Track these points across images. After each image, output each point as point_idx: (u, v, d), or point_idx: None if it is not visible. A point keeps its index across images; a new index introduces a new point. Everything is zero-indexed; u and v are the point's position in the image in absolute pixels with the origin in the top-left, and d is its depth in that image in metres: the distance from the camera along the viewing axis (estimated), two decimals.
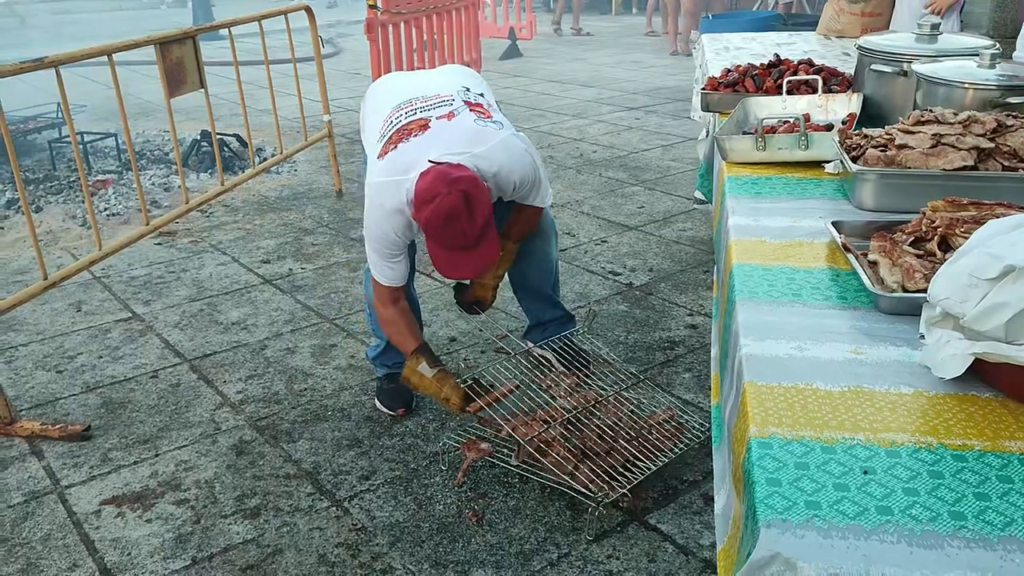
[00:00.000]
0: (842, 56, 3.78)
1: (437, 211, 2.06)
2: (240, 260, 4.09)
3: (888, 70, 2.42)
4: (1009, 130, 1.86)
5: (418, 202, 2.10)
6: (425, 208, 2.08)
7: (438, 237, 2.11)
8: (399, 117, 2.33)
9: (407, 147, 2.23)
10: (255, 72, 5.27)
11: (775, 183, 2.12)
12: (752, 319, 1.43)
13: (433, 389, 2.40)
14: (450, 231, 2.09)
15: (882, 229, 1.67)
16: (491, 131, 2.30)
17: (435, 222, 2.07)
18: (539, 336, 2.94)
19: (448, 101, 2.35)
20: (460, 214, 2.07)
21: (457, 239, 2.11)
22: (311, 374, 3.03)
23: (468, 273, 2.27)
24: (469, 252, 2.15)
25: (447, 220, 2.07)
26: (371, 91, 2.64)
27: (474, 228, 2.10)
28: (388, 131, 2.32)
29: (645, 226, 4.33)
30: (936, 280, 1.21)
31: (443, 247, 2.14)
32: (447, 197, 2.06)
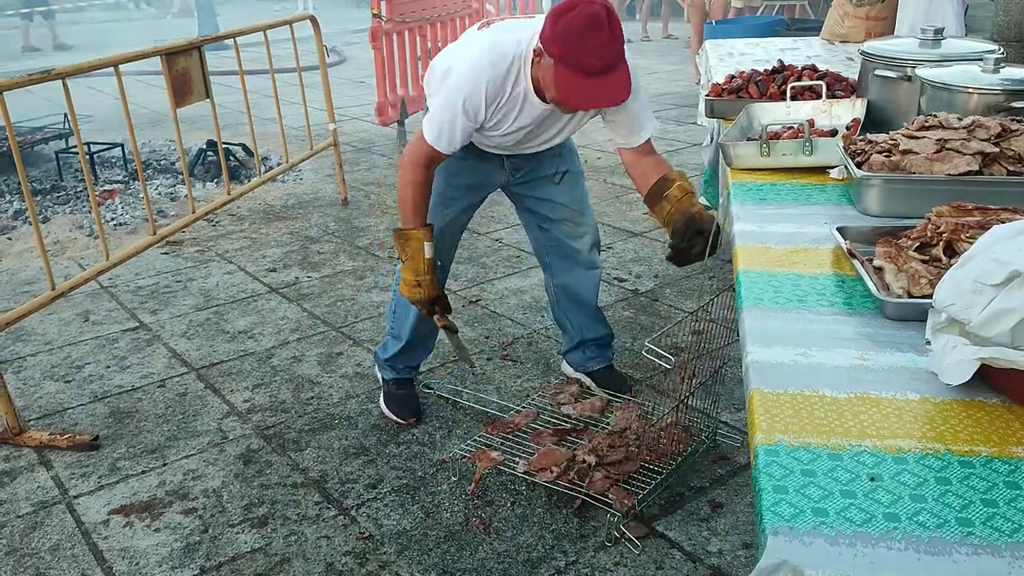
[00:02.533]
0: (846, 61, 3.78)
1: (579, 15, 1.90)
2: (246, 269, 4.10)
3: (892, 75, 2.42)
4: (1014, 134, 1.86)
5: (555, 15, 1.94)
6: (564, 16, 1.92)
7: (575, 51, 1.93)
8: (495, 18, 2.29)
9: (514, 22, 2.18)
10: (260, 81, 5.29)
11: (780, 189, 2.13)
12: (758, 326, 1.43)
13: (419, 266, 2.28)
14: (591, 42, 1.92)
15: (887, 235, 1.67)
16: None
17: (576, 27, 1.90)
18: (580, 357, 2.85)
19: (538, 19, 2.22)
20: (603, 23, 1.91)
21: (595, 54, 1.93)
22: (318, 382, 3.04)
23: (598, 102, 2.06)
24: (606, 76, 1.96)
25: (590, 26, 1.90)
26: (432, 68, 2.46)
27: (615, 44, 1.95)
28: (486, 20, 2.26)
29: (650, 232, 4.33)
30: (941, 286, 1.22)
31: (578, 69, 1.94)
32: (590, 4, 1.92)
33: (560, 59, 1.96)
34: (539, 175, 2.53)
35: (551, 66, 1.99)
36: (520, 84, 2.14)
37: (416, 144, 2.24)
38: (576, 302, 2.75)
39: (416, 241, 2.28)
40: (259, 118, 6.06)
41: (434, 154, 2.22)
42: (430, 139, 2.19)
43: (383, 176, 5.60)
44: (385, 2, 5.70)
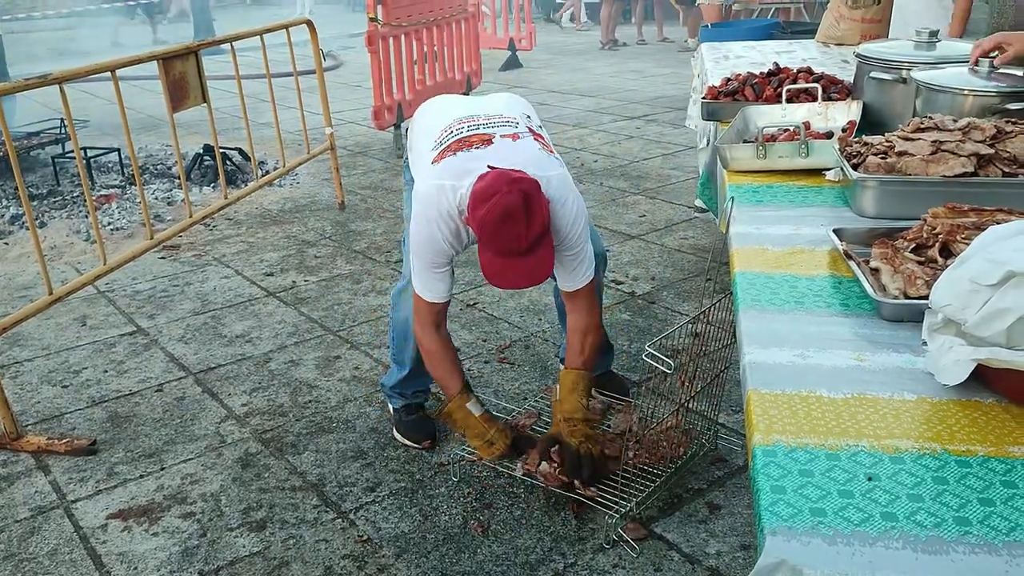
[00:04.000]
0: (841, 64, 3.79)
1: (494, 209, 1.97)
2: (243, 273, 4.10)
3: (887, 77, 2.43)
4: (1009, 136, 1.87)
5: (475, 201, 2.02)
6: (481, 207, 2.00)
7: (492, 239, 2.01)
8: (460, 128, 2.27)
9: (467, 156, 2.18)
10: (257, 85, 5.30)
11: (776, 191, 2.13)
12: (755, 327, 1.43)
13: (479, 429, 2.32)
14: (505, 232, 1.99)
15: (883, 236, 1.67)
16: (555, 163, 2.25)
17: (491, 220, 1.98)
18: None
19: (513, 123, 2.30)
20: (518, 214, 1.97)
21: (512, 242, 2.00)
22: (315, 386, 3.04)
23: (521, 282, 2.12)
24: (523, 259, 2.04)
25: (503, 219, 1.97)
26: (423, 110, 2.55)
27: (531, 231, 2.00)
28: (446, 140, 2.26)
29: (647, 235, 4.34)
30: (938, 286, 1.22)
31: (496, 252, 2.04)
32: (506, 195, 1.98)
33: (482, 239, 2.05)
34: None
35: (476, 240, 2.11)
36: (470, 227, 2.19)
37: (419, 306, 2.31)
38: None
39: (459, 411, 2.32)
40: (256, 123, 6.07)
41: (435, 307, 2.29)
42: (424, 295, 2.28)
43: (380, 180, 5.61)
44: (381, 6, 5.70)
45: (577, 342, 2.38)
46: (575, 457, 2.24)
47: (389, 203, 5.09)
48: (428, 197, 2.18)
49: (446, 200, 2.15)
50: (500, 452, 2.31)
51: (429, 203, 2.18)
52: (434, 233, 2.18)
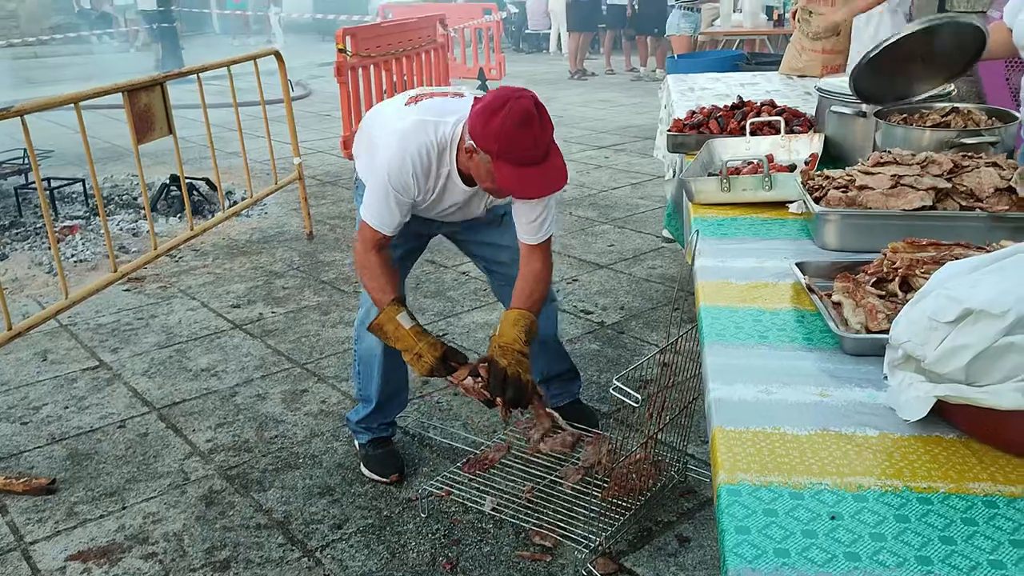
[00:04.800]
0: (804, 95, 3.86)
1: (511, 115, 1.96)
2: (209, 305, 4.05)
3: (847, 111, 2.48)
4: (965, 170, 1.91)
5: (486, 114, 1.99)
6: (495, 117, 1.97)
7: (511, 147, 1.99)
8: (424, 92, 2.29)
9: (441, 100, 2.20)
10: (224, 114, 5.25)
11: (740, 224, 2.16)
12: (720, 362, 1.44)
13: (408, 342, 2.22)
14: (524, 137, 1.98)
15: (845, 270, 1.69)
16: None
17: (509, 126, 1.96)
18: (545, 394, 2.82)
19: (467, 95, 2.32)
20: (533, 117, 1.98)
21: (529, 149, 2.00)
22: (282, 420, 3.00)
23: (541, 190, 2.12)
24: (540, 166, 2.04)
25: (521, 123, 1.97)
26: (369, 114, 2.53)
27: (545, 136, 2.02)
28: (413, 94, 2.28)
29: (615, 264, 4.36)
30: (897, 323, 1.24)
31: (515, 162, 2.01)
32: (518, 101, 1.98)
33: (498, 155, 2.01)
34: (482, 220, 2.54)
35: (488, 162, 2.04)
36: (445, 167, 2.19)
37: (363, 231, 2.27)
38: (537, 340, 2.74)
39: (389, 322, 2.24)
40: (223, 152, 6.04)
41: (380, 237, 2.24)
42: (372, 223, 2.23)
43: (349, 210, 5.58)
44: (350, 38, 5.72)
45: (527, 287, 2.34)
46: (501, 375, 2.17)
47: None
48: (407, 131, 2.16)
49: (426, 135, 2.15)
50: (429, 365, 2.20)
51: (407, 136, 2.16)
52: (405, 164, 2.14)
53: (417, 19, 7.02)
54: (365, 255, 2.27)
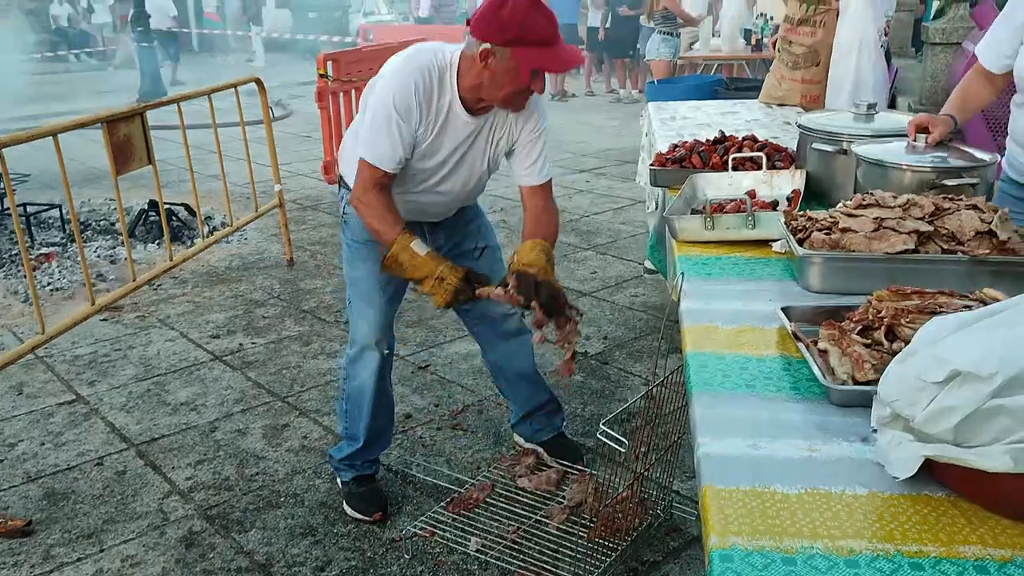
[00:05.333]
0: (783, 125, 3.90)
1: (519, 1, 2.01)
2: (188, 336, 4.01)
3: (829, 149, 2.50)
4: (947, 212, 1.93)
5: (493, 9, 2.02)
6: (504, 7, 2.00)
7: (529, 28, 2.02)
8: None
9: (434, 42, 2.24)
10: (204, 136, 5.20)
11: (725, 263, 2.16)
12: (708, 413, 1.44)
13: (427, 268, 2.10)
14: (538, 18, 2.03)
15: (830, 315, 1.70)
16: None
17: (522, 8, 2.00)
18: (528, 428, 2.82)
19: None
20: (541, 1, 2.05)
21: (545, 27, 2.05)
22: (263, 457, 2.96)
23: (568, 63, 2.15)
24: (556, 46, 2.08)
25: (533, 4, 2.02)
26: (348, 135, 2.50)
27: (553, 20, 2.08)
28: None
29: (598, 292, 4.36)
30: (886, 380, 1.24)
31: (534, 43, 2.04)
32: None
33: (517, 40, 2.02)
34: (459, 251, 2.53)
35: (507, 55, 2.04)
36: (446, 95, 2.15)
37: (361, 172, 2.16)
38: (512, 374, 2.74)
39: (403, 251, 2.11)
40: (202, 175, 6.00)
41: (380, 175, 2.15)
42: (372, 159, 2.13)
43: (330, 235, 5.56)
44: (331, 62, 5.71)
45: (535, 220, 2.35)
46: (532, 280, 2.13)
47: (340, 259, 5.03)
48: (407, 56, 2.15)
49: (427, 57, 2.14)
50: (453, 286, 2.09)
51: (408, 60, 2.14)
52: (408, 85, 2.09)
53: (397, 43, 7.01)
54: (365, 194, 2.16)
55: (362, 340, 2.49)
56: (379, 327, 2.48)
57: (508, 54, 2.03)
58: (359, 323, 2.49)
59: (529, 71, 2.07)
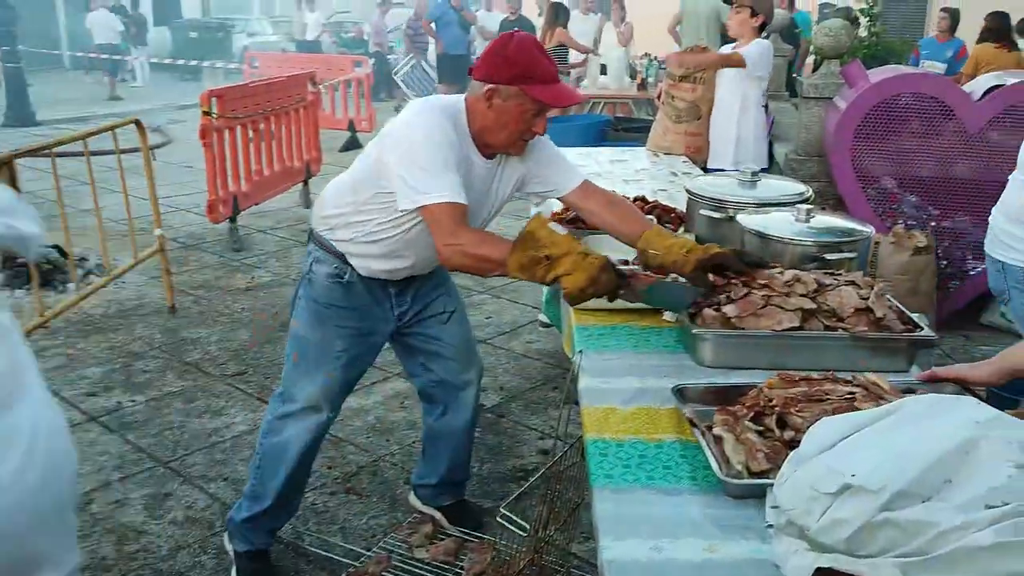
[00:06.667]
0: (670, 176, 4.02)
1: (523, 40, 2.07)
2: (61, 393, 3.76)
3: (716, 216, 2.59)
4: (828, 288, 2.02)
5: (497, 50, 2.08)
6: (508, 47, 2.06)
7: (533, 66, 2.06)
8: None
9: None
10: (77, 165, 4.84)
11: (620, 334, 2.20)
12: (610, 511, 1.45)
13: (567, 244, 1.87)
14: (541, 56, 2.08)
15: (723, 397, 1.74)
16: None
17: (526, 48, 2.06)
18: (431, 492, 2.76)
19: None
20: (539, 43, 2.13)
21: (548, 65, 2.09)
22: (144, 531, 2.80)
23: (572, 98, 2.21)
24: (560, 83, 2.15)
25: (534, 44, 2.09)
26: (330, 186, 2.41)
27: (553, 61, 2.15)
28: None
29: (494, 339, 4.36)
30: (782, 488, 1.27)
31: (540, 80, 2.06)
32: (520, 32, 2.13)
33: (522, 77, 2.04)
34: (428, 315, 2.47)
35: (512, 93, 2.05)
36: (465, 139, 2.13)
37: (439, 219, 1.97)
38: (446, 446, 2.66)
39: (540, 227, 1.89)
40: (76, 209, 5.65)
41: (460, 210, 1.98)
42: (443, 198, 1.96)
43: (215, 278, 5.36)
44: (216, 99, 5.53)
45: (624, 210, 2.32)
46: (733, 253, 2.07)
47: (224, 305, 4.86)
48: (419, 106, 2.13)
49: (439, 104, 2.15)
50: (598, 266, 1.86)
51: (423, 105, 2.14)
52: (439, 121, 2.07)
53: (286, 78, 6.89)
54: (456, 237, 1.95)
55: (304, 400, 2.35)
56: (328, 392, 2.36)
57: (512, 92, 2.05)
58: (302, 383, 2.35)
59: (533, 109, 2.07)
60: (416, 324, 2.47)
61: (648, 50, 9.56)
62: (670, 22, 8.68)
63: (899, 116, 4.26)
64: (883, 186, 4.39)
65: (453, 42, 11.53)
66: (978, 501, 1.13)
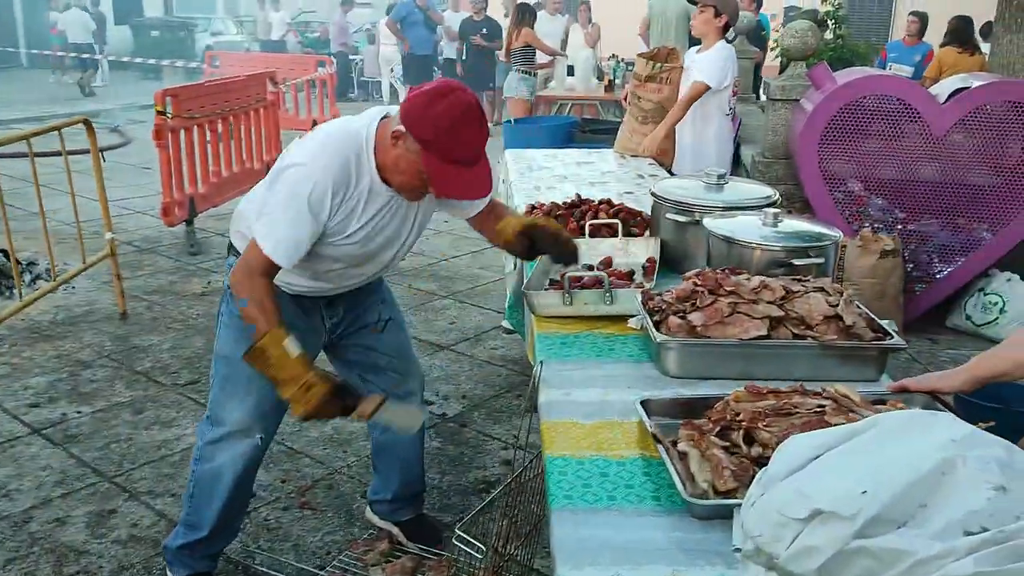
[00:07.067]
0: (637, 179, 3.95)
1: (456, 104, 1.82)
2: (3, 405, 3.59)
3: (682, 219, 2.51)
4: (796, 295, 1.95)
5: (429, 98, 1.84)
6: (439, 103, 1.82)
7: (446, 140, 1.83)
8: None
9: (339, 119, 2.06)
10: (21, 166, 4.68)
11: (583, 343, 2.11)
12: (569, 536, 1.36)
13: (296, 369, 1.88)
14: (463, 133, 1.84)
15: (689, 410, 1.67)
16: None
17: (453, 115, 1.81)
18: (388, 508, 2.65)
19: None
20: (477, 114, 1.86)
21: (469, 144, 1.86)
22: (85, 551, 2.65)
23: (463, 192, 1.97)
24: (469, 168, 1.88)
25: (465, 116, 1.83)
26: None
27: (482, 138, 1.89)
28: None
29: (456, 345, 4.26)
30: (749, 514, 1.19)
31: (444, 157, 1.84)
32: (465, 93, 1.86)
33: (431, 145, 1.84)
34: (360, 324, 2.35)
35: (416, 151, 1.87)
36: (365, 176, 1.97)
37: (252, 255, 1.95)
38: (395, 458, 2.56)
39: (273, 346, 1.90)
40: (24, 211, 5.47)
41: (271, 266, 1.94)
42: (268, 249, 1.92)
43: (169, 283, 5.19)
44: (172, 99, 5.37)
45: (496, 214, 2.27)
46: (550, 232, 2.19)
47: (179, 311, 4.71)
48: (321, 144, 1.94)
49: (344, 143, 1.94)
50: (318, 399, 1.88)
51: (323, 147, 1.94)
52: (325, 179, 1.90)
53: (245, 77, 6.72)
54: (251, 284, 1.94)
55: (233, 424, 2.21)
56: (259, 414, 2.22)
57: (417, 150, 1.87)
58: (230, 405, 2.21)
59: (429, 181, 1.91)
60: (351, 335, 2.37)
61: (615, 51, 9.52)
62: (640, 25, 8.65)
63: (866, 118, 4.23)
64: (850, 189, 4.36)
65: (419, 42, 11.43)
66: (956, 527, 1.06)
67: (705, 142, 4.32)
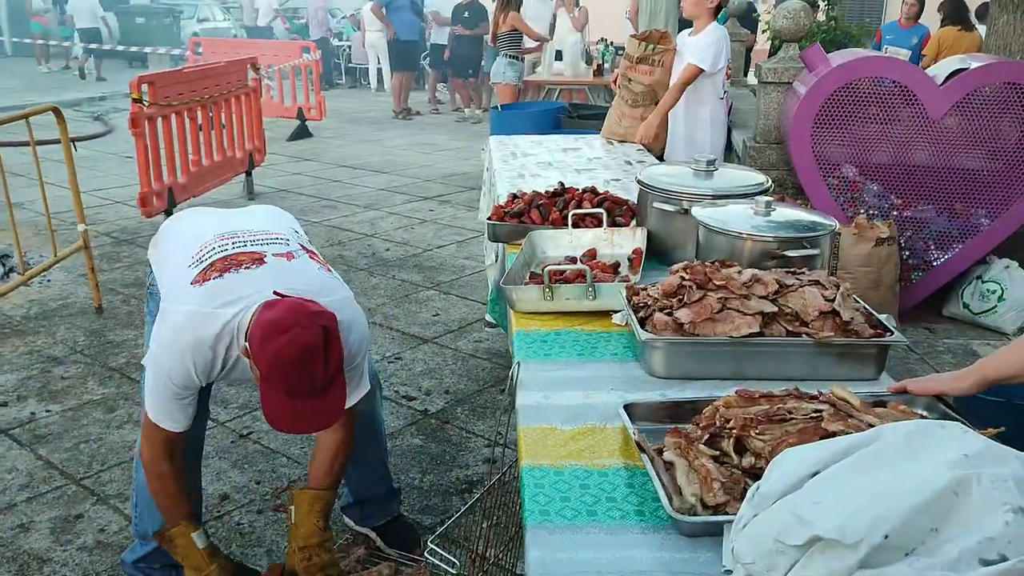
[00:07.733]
0: (624, 165, 3.83)
1: (291, 345, 1.69)
2: None
3: (669, 208, 2.39)
4: (790, 290, 1.83)
5: (265, 333, 1.73)
6: (274, 340, 1.71)
7: (286, 378, 1.73)
8: (224, 245, 1.98)
9: (237, 278, 1.88)
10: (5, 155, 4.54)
11: (564, 340, 2.00)
12: (544, 558, 1.25)
13: (197, 560, 2.01)
14: (301, 372, 1.73)
15: (676, 413, 1.56)
16: (336, 284, 2.02)
17: (286, 359, 1.70)
18: (359, 513, 2.55)
19: (283, 241, 2.05)
20: (317, 352, 1.72)
21: (307, 382, 1.74)
22: (49, 559, 2.54)
23: (312, 427, 1.88)
24: (316, 399, 1.77)
25: (302, 357, 1.71)
26: (169, 228, 2.25)
27: (328, 370, 1.76)
28: (209, 256, 1.95)
29: (440, 337, 4.14)
30: (739, 538, 1.08)
31: (284, 393, 1.75)
32: (305, 330, 1.71)
33: (268, 378, 1.75)
34: None
35: (257, 377, 1.80)
36: (233, 351, 1.88)
37: (148, 431, 1.97)
38: (355, 459, 2.46)
39: (181, 538, 2.02)
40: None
41: (171, 436, 1.96)
42: (161, 423, 1.94)
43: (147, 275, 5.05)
44: (148, 86, 5.21)
45: (327, 460, 2.15)
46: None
47: None
48: (187, 322, 1.86)
49: (204, 330, 1.84)
50: None
51: (183, 330, 1.85)
52: (185, 362, 1.85)
53: (225, 63, 6.56)
54: (155, 463, 1.99)
55: None
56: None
57: (258, 377, 1.78)
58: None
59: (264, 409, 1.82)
60: None
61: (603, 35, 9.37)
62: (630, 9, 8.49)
63: (861, 101, 4.11)
64: (844, 174, 4.25)
65: (405, 27, 11.23)
66: (971, 555, 0.95)
67: (699, 126, 4.20)
